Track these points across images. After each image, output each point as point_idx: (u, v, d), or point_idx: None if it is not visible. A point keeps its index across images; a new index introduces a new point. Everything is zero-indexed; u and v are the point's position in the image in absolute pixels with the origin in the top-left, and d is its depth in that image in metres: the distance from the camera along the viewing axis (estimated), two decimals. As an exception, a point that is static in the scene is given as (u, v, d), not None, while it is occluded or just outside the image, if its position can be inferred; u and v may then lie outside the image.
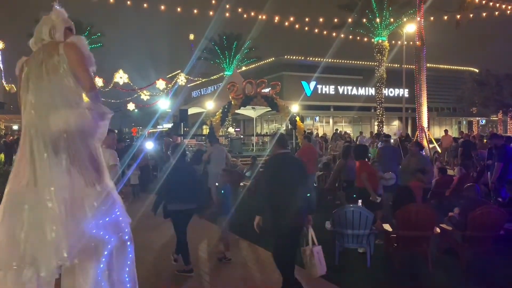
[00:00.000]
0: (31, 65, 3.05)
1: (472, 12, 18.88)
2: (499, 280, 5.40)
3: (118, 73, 33.13)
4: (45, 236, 2.74)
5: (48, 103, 2.92)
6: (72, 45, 3.03)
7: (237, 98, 18.57)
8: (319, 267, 4.78)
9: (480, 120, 46.46)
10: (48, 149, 2.85)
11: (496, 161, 8.63)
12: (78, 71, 2.99)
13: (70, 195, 2.81)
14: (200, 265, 6.15)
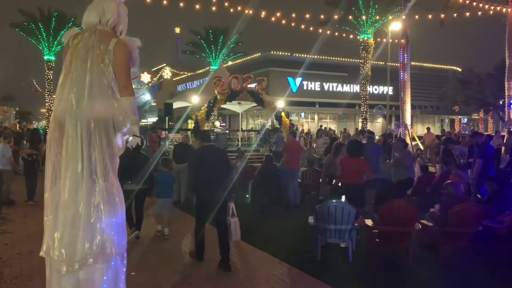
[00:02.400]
0: (77, 47, 3.02)
1: (456, 12, 19.13)
2: (477, 275, 5.51)
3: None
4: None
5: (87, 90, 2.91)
6: (123, 45, 3.02)
7: (223, 92, 18.48)
8: (234, 234, 6.30)
9: (462, 118, 47.23)
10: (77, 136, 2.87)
11: (477, 158, 8.80)
12: (120, 73, 3.01)
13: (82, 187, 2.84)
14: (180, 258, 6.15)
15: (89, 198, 2.82)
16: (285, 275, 5.43)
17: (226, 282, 5.17)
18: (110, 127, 2.95)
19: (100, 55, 2.95)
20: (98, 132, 2.90)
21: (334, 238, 6.16)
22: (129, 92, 3.05)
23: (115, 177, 3.00)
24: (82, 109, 2.87)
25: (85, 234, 2.78)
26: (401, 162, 8.84)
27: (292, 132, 12.44)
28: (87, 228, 2.79)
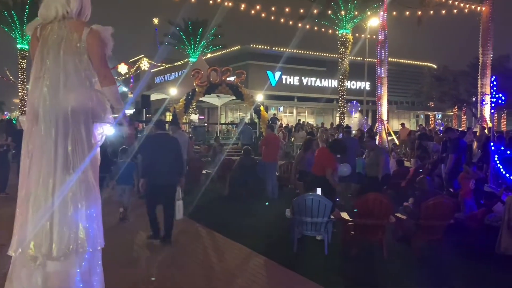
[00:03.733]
0: (49, 38, 2.93)
1: (433, 9, 19.47)
2: (450, 267, 5.66)
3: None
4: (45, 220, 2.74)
5: (62, 82, 2.84)
6: (96, 34, 2.94)
7: (201, 85, 18.37)
8: (177, 214, 6.63)
9: (437, 114, 48.28)
10: (52, 129, 2.80)
11: (449, 153, 9.01)
12: (97, 63, 2.95)
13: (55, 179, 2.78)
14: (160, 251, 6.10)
15: (64, 191, 2.76)
16: (260, 267, 5.45)
17: (201, 275, 5.15)
18: (88, 118, 2.89)
19: (73, 46, 2.89)
20: (75, 124, 2.84)
21: (310, 231, 6.21)
22: (110, 81, 3.00)
23: (93, 169, 2.94)
24: (58, 101, 2.81)
25: (59, 227, 2.73)
26: (377, 162, 8.93)
27: (270, 125, 12.47)
28: (61, 221, 2.73)
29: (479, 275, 5.41)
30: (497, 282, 5.19)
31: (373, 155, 9.23)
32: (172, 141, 6.62)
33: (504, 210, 5.75)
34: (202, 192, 10.18)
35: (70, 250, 2.74)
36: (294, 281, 5.04)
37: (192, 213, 8.19)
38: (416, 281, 5.21)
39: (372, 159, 9.21)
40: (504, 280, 5.24)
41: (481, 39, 19.43)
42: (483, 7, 19.39)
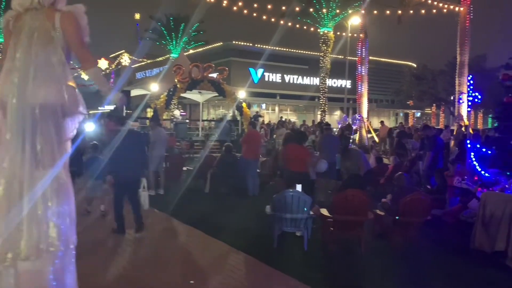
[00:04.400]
0: (20, 31, 2.82)
1: (412, 9, 19.75)
2: (426, 262, 5.77)
3: (57, 50, 31.29)
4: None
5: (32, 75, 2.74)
6: (69, 16, 2.83)
7: (183, 81, 18.24)
8: (145, 204, 6.73)
9: (416, 112, 49.07)
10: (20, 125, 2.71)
11: (427, 151, 9.17)
12: (75, 48, 2.86)
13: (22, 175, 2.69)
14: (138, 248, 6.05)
15: (33, 189, 2.68)
16: (240, 263, 5.46)
17: (179, 272, 5.13)
18: (57, 114, 2.81)
19: (48, 37, 2.80)
20: (44, 120, 2.76)
21: (290, 227, 6.24)
22: (91, 63, 2.94)
23: (64, 165, 2.88)
24: (27, 96, 2.73)
25: (28, 226, 2.65)
26: (358, 166, 9.04)
27: (252, 122, 12.47)
28: (30, 220, 2.66)
29: (454, 270, 5.52)
30: (472, 277, 5.30)
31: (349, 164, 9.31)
32: (134, 136, 6.86)
33: (478, 206, 5.88)
34: (183, 189, 10.13)
35: (40, 250, 2.68)
36: (272, 277, 5.06)
37: (172, 210, 8.15)
38: (394, 277, 5.29)
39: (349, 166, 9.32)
40: (478, 275, 5.37)
41: (459, 39, 19.79)
42: (461, 8, 19.75)
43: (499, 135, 7.91)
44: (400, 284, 5.07)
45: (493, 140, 8.31)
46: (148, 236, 6.65)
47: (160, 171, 10.19)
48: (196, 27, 34.36)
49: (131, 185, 6.59)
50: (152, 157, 9.84)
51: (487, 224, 5.67)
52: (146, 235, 6.70)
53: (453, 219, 6.49)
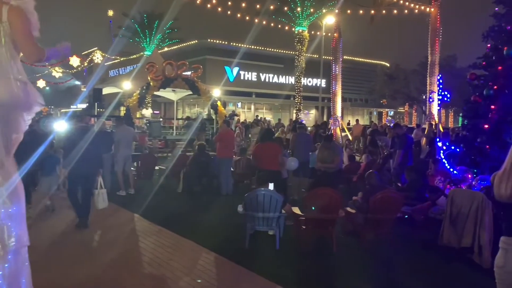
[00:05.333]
0: None
1: (385, 9, 20.02)
2: (395, 259, 5.83)
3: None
4: None
5: None
6: (17, 10, 2.70)
7: (156, 79, 17.91)
8: (101, 203, 7.05)
9: (389, 111, 49.93)
10: None
11: (397, 149, 9.30)
12: (20, 41, 2.72)
13: None
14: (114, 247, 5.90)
15: None
16: (211, 263, 5.39)
17: (147, 273, 5.02)
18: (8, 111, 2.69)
19: None
20: None
21: (262, 226, 6.21)
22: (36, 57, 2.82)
23: (13, 164, 2.75)
24: None
25: None
26: (331, 161, 9.04)
27: (226, 121, 12.38)
28: None
29: (423, 265, 5.61)
30: (440, 272, 5.39)
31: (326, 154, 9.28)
32: (91, 134, 7.02)
33: (446, 203, 5.99)
34: (155, 188, 9.98)
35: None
36: (242, 277, 5.02)
37: (143, 210, 8.00)
38: (365, 273, 5.33)
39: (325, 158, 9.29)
40: (446, 270, 5.46)
41: (430, 39, 20.21)
42: (431, 8, 20.16)
43: (467, 133, 8.08)
44: (371, 280, 5.10)
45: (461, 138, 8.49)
46: (117, 237, 6.52)
47: (129, 170, 9.99)
48: (170, 25, 33.94)
49: (85, 182, 6.81)
50: (117, 157, 9.67)
51: (454, 221, 5.77)
52: (115, 236, 6.57)
53: (422, 216, 6.58)
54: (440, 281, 5.13)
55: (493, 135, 7.28)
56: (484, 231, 5.42)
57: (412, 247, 6.31)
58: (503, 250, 2.84)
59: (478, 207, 5.55)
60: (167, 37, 35.48)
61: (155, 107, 35.64)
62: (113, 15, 51.71)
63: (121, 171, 9.74)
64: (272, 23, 25.02)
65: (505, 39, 7.60)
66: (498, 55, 7.67)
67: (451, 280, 5.15)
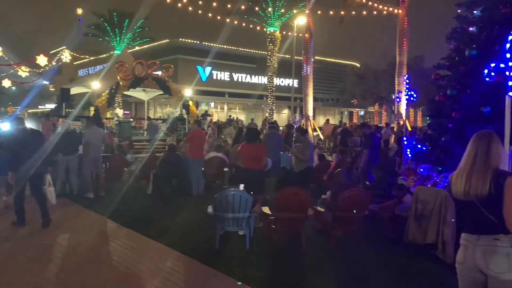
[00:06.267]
0: None
1: (355, 10, 20.36)
2: (363, 256, 5.93)
3: (-10, 45, 29.48)
4: None
5: None
6: None
7: (126, 79, 17.64)
8: (50, 200, 7.30)
9: (359, 111, 50.76)
10: None
11: (364, 148, 9.46)
12: None
13: None
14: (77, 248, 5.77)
15: None
16: (179, 265, 5.35)
17: (113, 277, 4.93)
18: None
19: None
20: None
21: (232, 226, 6.20)
22: None
23: None
24: None
25: None
26: (302, 153, 9.12)
27: (197, 121, 12.30)
28: None
29: (389, 262, 5.72)
30: (405, 268, 5.51)
31: (300, 147, 9.36)
32: (32, 135, 7.21)
33: (411, 201, 6.13)
34: (124, 190, 9.82)
35: None
36: (211, 278, 4.99)
37: (112, 212, 7.87)
38: (334, 271, 5.39)
39: (299, 150, 9.35)
40: (411, 266, 5.59)
41: (398, 40, 20.68)
42: (399, 10, 20.63)
43: (432, 132, 8.29)
44: (340, 277, 5.16)
45: (426, 137, 8.71)
46: (82, 240, 6.37)
47: (99, 172, 9.81)
48: (141, 24, 33.43)
49: (31, 181, 6.92)
50: (86, 158, 9.48)
51: (419, 218, 5.91)
52: (81, 239, 6.42)
53: (389, 213, 6.72)
54: (406, 276, 5.25)
55: (457, 134, 7.49)
56: (447, 228, 5.57)
57: (379, 244, 6.43)
58: (463, 246, 2.93)
59: (441, 204, 5.70)
60: (138, 36, 34.93)
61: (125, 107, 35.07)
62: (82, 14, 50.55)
63: (90, 173, 9.55)
64: (244, 23, 25.03)
65: (467, 41, 7.84)
66: (461, 56, 7.91)
67: (416, 276, 5.27)
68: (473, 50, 7.30)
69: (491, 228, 2.77)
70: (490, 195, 2.74)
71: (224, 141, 17.07)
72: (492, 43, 6.92)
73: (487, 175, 2.78)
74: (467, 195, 2.84)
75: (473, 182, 2.81)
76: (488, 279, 2.79)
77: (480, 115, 6.89)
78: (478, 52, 7.22)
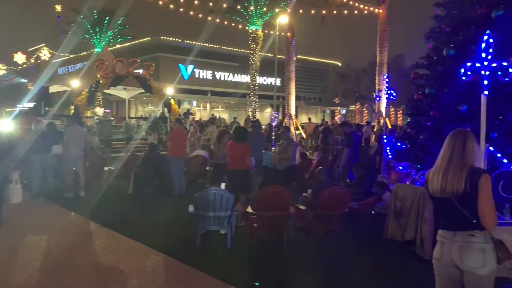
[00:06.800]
0: None
1: (336, 9, 20.51)
2: (343, 253, 5.98)
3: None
4: None
5: None
6: None
7: (106, 77, 17.43)
8: (15, 198, 7.53)
9: (341, 110, 51.20)
10: None
11: (345, 147, 9.54)
12: None
13: None
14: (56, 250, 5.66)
15: None
16: (159, 265, 5.31)
17: (94, 278, 4.86)
18: None
19: None
20: None
21: (213, 225, 6.18)
22: None
23: None
24: None
25: None
26: (286, 151, 9.13)
27: (178, 119, 12.21)
28: None
29: (369, 259, 5.78)
30: (385, 265, 5.57)
31: (283, 144, 9.36)
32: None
33: (390, 198, 6.21)
34: (104, 189, 9.69)
35: None
36: (192, 278, 4.97)
37: (91, 212, 7.76)
38: (314, 268, 5.42)
39: (282, 148, 9.37)
40: (390, 262, 5.66)
41: (379, 40, 20.91)
42: (380, 10, 20.86)
43: (411, 130, 8.40)
44: (320, 275, 5.20)
45: (406, 135, 8.82)
46: (61, 240, 6.27)
47: (80, 171, 9.64)
48: (121, 21, 33.06)
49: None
50: (67, 157, 9.33)
51: (398, 215, 6.00)
52: (59, 239, 6.31)
53: (369, 211, 6.80)
54: (385, 273, 5.31)
55: (435, 132, 7.60)
56: (425, 224, 5.66)
57: (359, 241, 6.49)
58: (439, 242, 2.98)
59: (419, 201, 5.80)
60: (119, 34, 34.58)
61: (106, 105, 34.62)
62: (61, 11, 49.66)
63: (69, 172, 9.39)
64: (226, 21, 24.98)
65: (445, 40, 7.96)
66: (439, 55, 8.03)
67: (395, 272, 5.34)
68: (450, 49, 7.42)
69: (467, 224, 2.82)
70: (466, 192, 2.79)
71: (208, 140, 17.02)
72: (469, 43, 7.05)
73: (462, 173, 2.83)
74: (444, 192, 2.88)
75: (449, 179, 2.86)
76: (464, 274, 2.84)
77: (458, 114, 7.01)
78: (455, 51, 7.34)
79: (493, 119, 6.20)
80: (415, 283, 4.99)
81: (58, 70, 47.78)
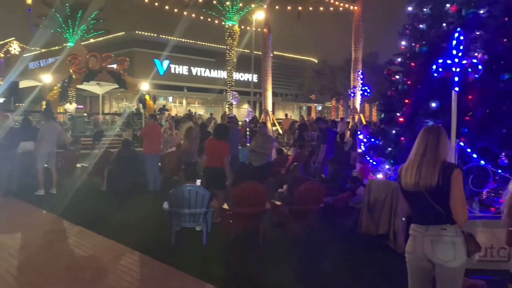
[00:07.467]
0: None
1: (312, 6, 20.61)
2: (318, 247, 6.03)
3: None
4: None
5: None
6: None
7: (78, 72, 17.05)
8: None
9: (317, 106, 51.63)
10: None
11: (321, 143, 9.60)
12: None
13: None
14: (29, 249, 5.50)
15: None
16: (133, 263, 5.23)
17: (64, 277, 4.74)
18: None
19: None
20: None
21: (189, 222, 6.12)
22: None
23: None
24: None
25: None
26: (264, 147, 9.08)
27: (152, 115, 12.04)
28: None
29: (343, 253, 5.85)
30: (358, 258, 5.65)
31: (261, 140, 9.30)
32: None
33: (364, 193, 6.29)
34: (77, 187, 9.48)
35: None
36: (167, 275, 4.91)
37: (63, 210, 7.57)
38: (290, 263, 5.45)
39: (260, 143, 9.30)
40: (365, 256, 5.74)
41: (354, 37, 21.15)
42: (355, 7, 21.08)
43: (384, 126, 8.51)
44: (296, 270, 5.22)
45: (379, 131, 8.94)
46: (30, 239, 6.10)
47: (52, 168, 9.39)
48: (95, 15, 32.35)
49: None
50: (39, 153, 9.07)
51: (372, 209, 6.08)
52: (29, 238, 6.14)
53: (343, 205, 6.87)
54: (359, 266, 5.38)
55: (407, 128, 7.72)
56: (397, 219, 5.76)
57: (334, 236, 6.56)
58: (412, 236, 3.02)
59: (392, 195, 5.89)
60: (92, 28, 33.85)
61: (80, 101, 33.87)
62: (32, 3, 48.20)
63: (41, 169, 9.13)
64: (202, 16, 24.76)
65: (418, 37, 8.08)
66: (412, 52, 8.14)
67: (369, 266, 5.42)
68: (423, 46, 7.54)
69: (439, 218, 2.87)
70: (438, 186, 2.83)
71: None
72: (441, 40, 7.17)
73: (436, 167, 2.87)
74: (417, 186, 2.91)
75: (423, 174, 2.90)
76: (436, 267, 2.89)
77: (430, 110, 7.13)
78: (427, 48, 7.46)
79: (463, 115, 6.34)
80: (388, 276, 5.07)
81: (29, 65, 46.46)
